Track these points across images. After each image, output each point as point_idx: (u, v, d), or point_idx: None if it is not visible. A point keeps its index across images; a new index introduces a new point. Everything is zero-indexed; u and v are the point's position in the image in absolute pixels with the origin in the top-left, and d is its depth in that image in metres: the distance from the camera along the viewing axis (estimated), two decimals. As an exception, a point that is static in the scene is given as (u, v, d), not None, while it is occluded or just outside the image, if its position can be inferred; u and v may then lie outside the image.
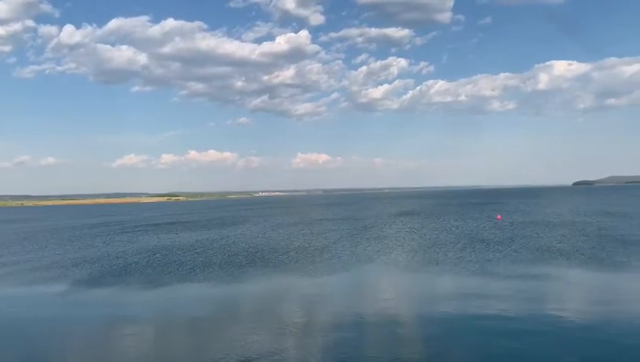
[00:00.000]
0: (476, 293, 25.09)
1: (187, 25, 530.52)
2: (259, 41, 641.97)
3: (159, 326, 21.94)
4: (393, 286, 29.04)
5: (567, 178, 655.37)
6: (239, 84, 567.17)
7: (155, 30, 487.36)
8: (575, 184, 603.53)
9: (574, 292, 25.55)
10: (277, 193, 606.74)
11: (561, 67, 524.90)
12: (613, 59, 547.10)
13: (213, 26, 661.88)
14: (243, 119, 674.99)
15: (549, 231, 51.97)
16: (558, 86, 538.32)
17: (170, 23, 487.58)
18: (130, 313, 24.08)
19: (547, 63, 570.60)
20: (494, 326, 19.27)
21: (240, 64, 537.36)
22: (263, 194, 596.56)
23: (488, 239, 46.14)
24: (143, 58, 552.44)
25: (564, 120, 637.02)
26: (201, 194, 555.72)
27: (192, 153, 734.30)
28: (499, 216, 74.21)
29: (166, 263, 38.03)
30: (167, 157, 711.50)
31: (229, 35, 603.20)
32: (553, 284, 27.17)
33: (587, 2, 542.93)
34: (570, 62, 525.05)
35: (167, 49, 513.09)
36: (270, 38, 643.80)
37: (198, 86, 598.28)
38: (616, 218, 66.31)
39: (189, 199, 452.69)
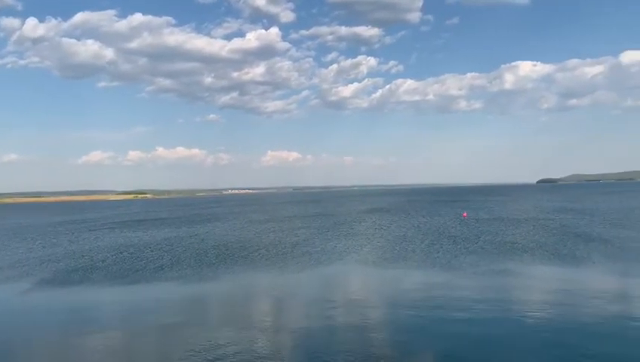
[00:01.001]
0: (443, 288, 25.60)
1: (155, 20, 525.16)
2: (228, 37, 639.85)
3: (125, 326, 21.61)
4: (362, 283, 29.36)
5: (531, 176, 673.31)
6: (208, 80, 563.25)
7: (123, 25, 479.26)
8: (539, 182, 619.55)
9: (537, 288, 26.32)
10: (247, 191, 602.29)
11: (526, 67, 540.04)
12: (575, 61, 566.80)
13: (181, 22, 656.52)
14: (212, 116, 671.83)
15: (513, 227, 53.31)
16: (523, 86, 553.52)
17: (137, 17, 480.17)
18: (96, 313, 23.71)
19: (513, 64, 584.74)
20: (460, 322, 19.71)
21: (209, 60, 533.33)
22: (233, 191, 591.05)
23: (455, 235, 47.02)
24: (109, 53, 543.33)
25: (529, 119, 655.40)
26: (169, 192, 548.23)
27: (160, 150, 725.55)
28: (465, 214, 75.62)
29: (133, 261, 37.46)
30: (133, 154, 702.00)
31: (198, 30, 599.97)
32: (517, 280, 27.90)
33: (552, 4, 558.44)
34: (535, 62, 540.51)
35: (134, 44, 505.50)
36: (240, 34, 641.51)
37: (166, 82, 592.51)
38: (577, 215, 68.46)
39: (157, 197, 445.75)
